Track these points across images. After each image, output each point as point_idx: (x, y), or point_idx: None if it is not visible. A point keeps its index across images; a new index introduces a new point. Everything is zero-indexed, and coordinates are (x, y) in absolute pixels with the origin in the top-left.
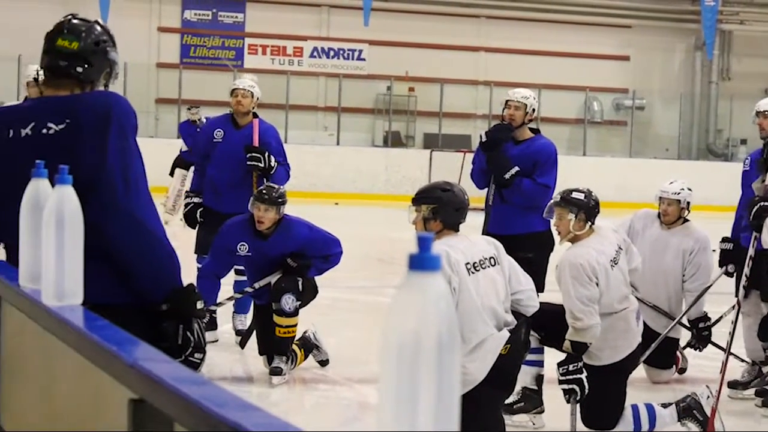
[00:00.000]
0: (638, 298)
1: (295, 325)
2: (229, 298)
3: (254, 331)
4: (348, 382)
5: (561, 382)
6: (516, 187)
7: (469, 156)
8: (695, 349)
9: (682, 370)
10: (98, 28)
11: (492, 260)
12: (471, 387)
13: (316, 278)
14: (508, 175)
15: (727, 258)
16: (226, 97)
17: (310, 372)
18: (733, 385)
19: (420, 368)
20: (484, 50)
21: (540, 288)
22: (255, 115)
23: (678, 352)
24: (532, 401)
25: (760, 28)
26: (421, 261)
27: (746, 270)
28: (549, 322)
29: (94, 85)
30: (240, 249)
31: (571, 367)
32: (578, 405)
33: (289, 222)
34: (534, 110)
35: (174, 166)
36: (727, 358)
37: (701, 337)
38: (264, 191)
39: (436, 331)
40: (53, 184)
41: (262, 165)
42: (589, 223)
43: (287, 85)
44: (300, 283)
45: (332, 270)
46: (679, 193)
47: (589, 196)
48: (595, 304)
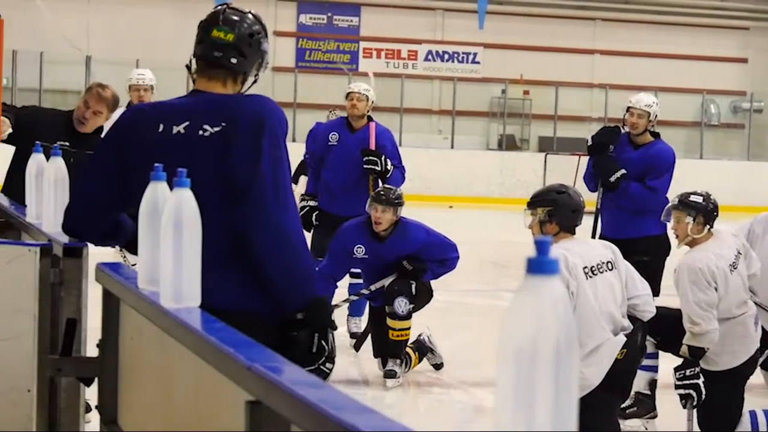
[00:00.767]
0: (757, 303)
1: (409, 329)
2: (344, 301)
3: (369, 334)
4: (462, 385)
5: (678, 387)
6: (623, 191)
7: (585, 159)
8: None
9: None
10: (252, 18)
11: (609, 264)
12: (586, 392)
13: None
14: (613, 178)
15: None
16: (340, 100)
17: (424, 375)
18: None
19: (537, 373)
20: (599, 53)
21: (656, 292)
22: (370, 119)
23: None
24: (646, 406)
25: None
26: (540, 264)
27: None
28: (665, 327)
29: (246, 76)
30: (357, 251)
31: (688, 372)
32: (695, 410)
33: (406, 225)
34: (656, 116)
35: (298, 174)
36: None
37: None
38: (382, 192)
39: (554, 336)
40: (194, 188)
41: (379, 168)
42: (708, 227)
43: (402, 89)
44: (413, 287)
45: (448, 273)
46: None
47: (708, 199)
48: (714, 309)
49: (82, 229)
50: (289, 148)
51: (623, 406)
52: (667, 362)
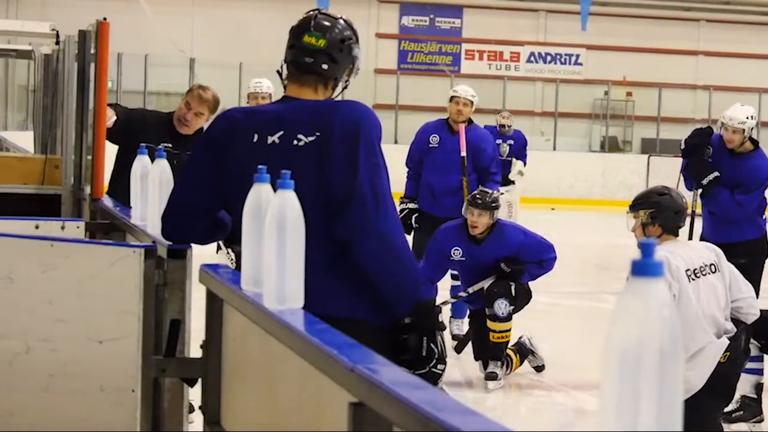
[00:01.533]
0: None
1: (509, 330)
2: (444, 303)
3: (470, 337)
4: (564, 387)
5: None
6: (713, 197)
7: None
8: None
9: None
10: (343, 24)
11: (712, 267)
12: (689, 395)
13: (532, 284)
14: (705, 181)
15: None
16: (442, 102)
17: (525, 377)
18: None
19: (642, 375)
20: (703, 54)
21: (756, 294)
22: (470, 121)
23: None
24: (752, 410)
25: None
26: (644, 267)
27: None
28: None
29: (337, 81)
30: (454, 254)
31: None
32: None
33: (503, 227)
34: (752, 129)
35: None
36: None
37: None
38: (478, 196)
39: (659, 339)
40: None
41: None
42: None
43: (504, 91)
44: (513, 288)
45: (550, 275)
46: None
47: None
48: None
49: (181, 234)
50: (392, 151)
51: (729, 410)
52: None
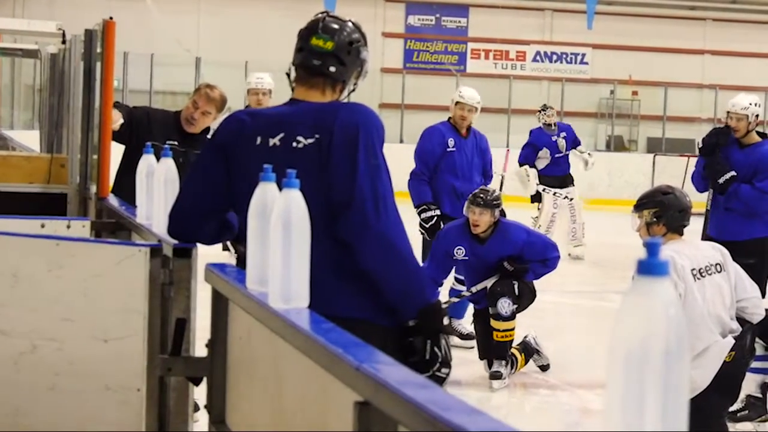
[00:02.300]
0: None
1: (513, 329)
2: (446, 303)
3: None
4: (569, 387)
5: None
6: (733, 193)
7: (694, 161)
8: None
9: None
10: (351, 27)
11: (718, 266)
12: (694, 394)
13: (536, 283)
14: (722, 180)
15: None
16: (448, 102)
17: (530, 376)
18: None
19: (648, 374)
20: (709, 53)
21: (761, 294)
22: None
23: None
24: (757, 409)
25: None
26: (650, 266)
27: None
28: None
29: (345, 84)
30: (457, 253)
31: None
32: None
33: (507, 226)
34: (757, 116)
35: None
36: None
37: None
38: (479, 195)
39: (665, 338)
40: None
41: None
42: None
43: (509, 90)
44: (516, 287)
45: (554, 274)
46: None
47: None
48: None
49: (187, 233)
50: (398, 150)
51: (734, 409)
52: None
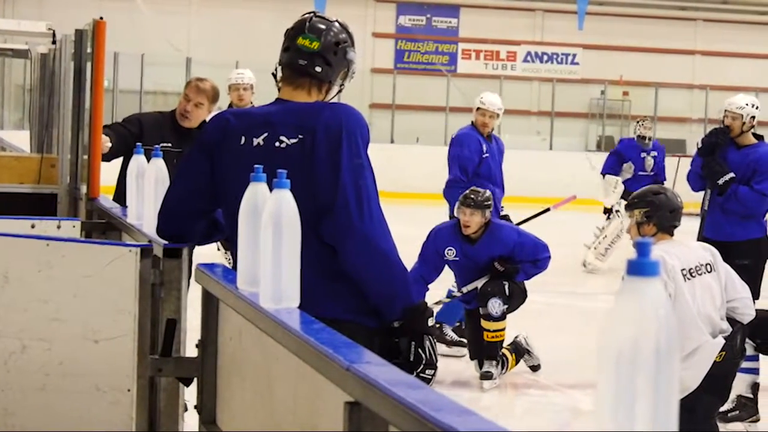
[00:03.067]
0: None
1: (504, 329)
2: (437, 303)
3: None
4: (560, 387)
5: None
6: (732, 194)
7: (684, 161)
8: None
9: None
10: (338, 27)
11: (708, 266)
12: (685, 394)
13: (527, 283)
14: (721, 181)
15: None
16: (439, 102)
17: (521, 377)
18: None
19: (638, 374)
20: (699, 53)
21: (755, 295)
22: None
23: None
24: (748, 410)
25: None
26: (640, 266)
27: None
28: (766, 330)
29: (332, 84)
30: (448, 254)
31: None
32: None
33: (497, 226)
34: (753, 117)
35: (608, 212)
36: None
37: None
38: (470, 195)
39: (655, 338)
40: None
41: None
42: None
43: (500, 90)
44: (507, 287)
45: (546, 275)
46: None
47: None
48: None
49: (176, 233)
50: (388, 150)
51: (725, 409)
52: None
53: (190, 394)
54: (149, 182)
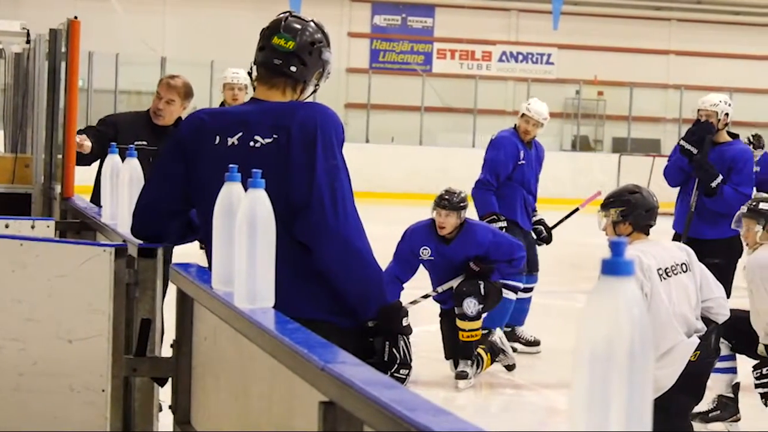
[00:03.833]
0: None
1: (479, 329)
2: (413, 302)
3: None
4: (535, 386)
5: (757, 387)
6: (719, 196)
7: (659, 160)
8: None
9: None
10: (314, 27)
11: (684, 266)
12: (659, 394)
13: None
14: (714, 184)
15: None
16: (414, 102)
17: (496, 376)
18: None
19: (612, 374)
20: (674, 53)
21: (727, 294)
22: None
23: None
24: (728, 409)
25: None
26: (615, 266)
27: None
28: (740, 329)
29: (307, 84)
30: (422, 253)
31: (766, 371)
32: None
33: (472, 226)
34: (727, 115)
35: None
36: None
37: None
38: (445, 196)
39: (629, 337)
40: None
41: None
42: None
43: (475, 90)
44: (482, 287)
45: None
46: None
47: None
48: None
49: (150, 232)
50: (363, 150)
51: (706, 409)
52: (747, 365)
53: (165, 394)
54: (123, 182)
